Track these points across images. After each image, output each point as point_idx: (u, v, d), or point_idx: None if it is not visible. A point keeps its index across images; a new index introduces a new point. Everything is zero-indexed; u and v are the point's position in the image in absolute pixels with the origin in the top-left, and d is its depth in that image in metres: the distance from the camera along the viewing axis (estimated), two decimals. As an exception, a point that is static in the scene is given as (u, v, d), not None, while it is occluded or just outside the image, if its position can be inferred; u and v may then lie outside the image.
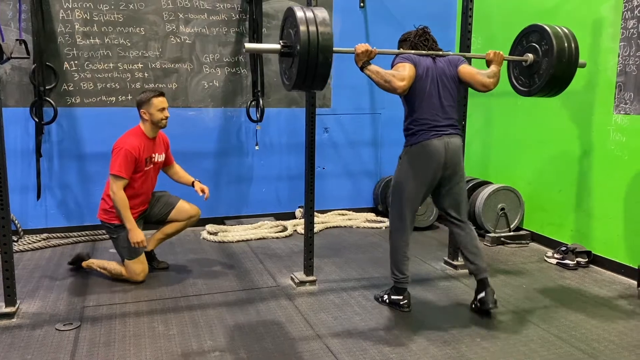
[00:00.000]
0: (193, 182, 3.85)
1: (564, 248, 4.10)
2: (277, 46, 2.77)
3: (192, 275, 3.79)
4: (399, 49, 3.21)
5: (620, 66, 3.77)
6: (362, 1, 5.28)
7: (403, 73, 2.95)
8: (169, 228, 3.82)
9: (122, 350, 2.72)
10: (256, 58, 4.88)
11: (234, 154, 5.09)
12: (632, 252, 3.76)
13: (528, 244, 4.64)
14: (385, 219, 5.25)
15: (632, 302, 3.37)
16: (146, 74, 4.72)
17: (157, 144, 3.72)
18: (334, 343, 2.81)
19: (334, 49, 2.61)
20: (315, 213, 4.07)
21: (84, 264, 3.77)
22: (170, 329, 2.95)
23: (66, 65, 4.49)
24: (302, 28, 2.54)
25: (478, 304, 3.15)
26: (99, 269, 3.70)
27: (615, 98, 3.83)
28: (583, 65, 3.21)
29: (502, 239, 4.61)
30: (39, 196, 4.45)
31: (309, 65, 2.57)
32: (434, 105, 3.04)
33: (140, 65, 4.69)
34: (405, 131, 3.17)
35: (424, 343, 2.82)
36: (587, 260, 4.02)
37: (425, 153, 3.04)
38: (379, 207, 5.47)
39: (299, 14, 2.58)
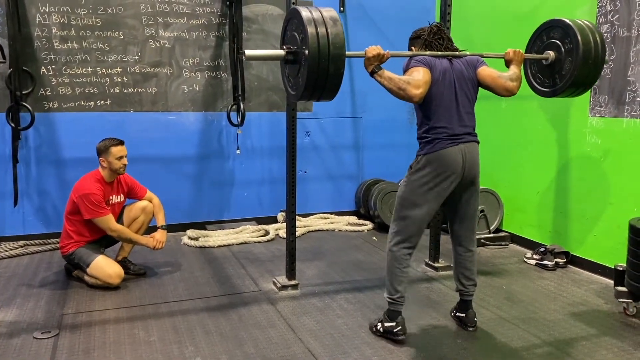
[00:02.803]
0: (158, 227, 3.85)
1: (542, 249, 4.16)
2: (282, 52, 2.50)
3: (173, 281, 3.76)
4: (409, 47, 2.96)
5: (595, 70, 3.83)
6: (342, 6, 5.31)
7: (418, 79, 2.62)
8: (132, 228, 3.82)
9: (102, 357, 2.69)
10: (236, 62, 4.87)
11: (215, 158, 5.07)
12: (608, 252, 3.82)
13: (507, 245, 4.69)
14: (367, 222, 5.27)
15: (609, 301, 3.43)
16: (125, 79, 4.68)
17: (115, 187, 3.76)
18: (316, 347, 2.81)
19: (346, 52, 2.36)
20: (297, 217, 4.06)
21: (73, 273, 3.77)
22: (151, 335, 2.92)
23: (43, 69, 4.43)
24: (311, 30, 2.27)
25: (457, 320, 3.11)
26: (81, 278, 3.69)
27: (590, 101, 3.91)
28: (607, 62, 2.96)
29: (482, 240, 4.65)
30: (15, 203, 4.38)
31: (320, 74, 2.30)
32: (451, 113, 2.75)
33: (119, 70, 4.65)
34: (419, 139, 2.84)
35: (405, 345, 2.84)
36: (565, 260, 4.08)
37: (441, 162, 2.73)
38: (360, 210, 5.49)
39: (305, 14, 2.31)
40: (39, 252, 4.35)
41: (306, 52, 2.30)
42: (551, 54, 3.00)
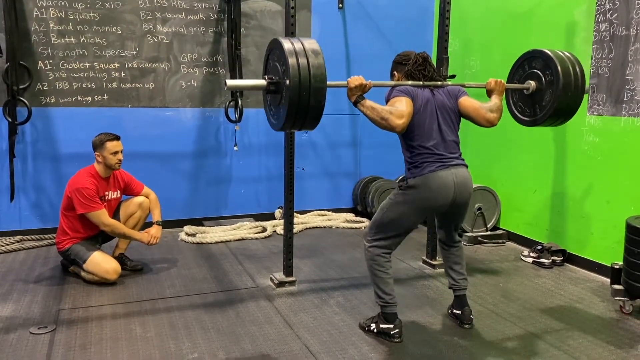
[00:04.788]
0: (154, 223, 3.84)
1: (539, 247, 4.17)
2: (263, 82, 2.50)
3: (170, 277, 3.75)
4: (392, 71, 2.98)
5: (593, 68, 3.84)
6: (340, 2, 5.30)
7: (401, 109, 2.64)
8: (128, 224, 3.82)
9: (99, 353, 2.68)
10: (235, 58, 4.86)
11: (213, 155, 5.06)
12: (605, 250, 3.84)
13: (504, 243, 4.70)
14: (365, 219, 5.27)
15: (606, 299, 3.44)
16: (123, 74, 4.66)
17: (111, 183, 3.75)
18: (314, 343, 2.81)
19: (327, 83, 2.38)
20: (295, 214, 4.06)
21: (70, 269, 3.75)
22: (148, 331, 2.92)
23: (40, 64, 4.41)
24: (292, 62, 2.30)
25: (454, 317, 3.11)
26: (77, 274, 3.68)
27: (588, 100, 3.91)
28: (587, 91, 3.01)
29: (480, 238, 4.66)
30: (12, 198, 4.37)
31: (301, 105, 2.33)
32: (435, 140, 2.76)
33: (116, 65, 4.63)
34: (406, 163, 2.83)
35: (402, 342, 2.84)
36: (562, 258, 4.09)
37: (431, 186, 2.72)
38: (358, 208, 5.49)
39: (287, 45, 2.33)
40: (35, 248, 4.34)
41: (287, 83, 2.32)
42: (532, 84, 3.04)
